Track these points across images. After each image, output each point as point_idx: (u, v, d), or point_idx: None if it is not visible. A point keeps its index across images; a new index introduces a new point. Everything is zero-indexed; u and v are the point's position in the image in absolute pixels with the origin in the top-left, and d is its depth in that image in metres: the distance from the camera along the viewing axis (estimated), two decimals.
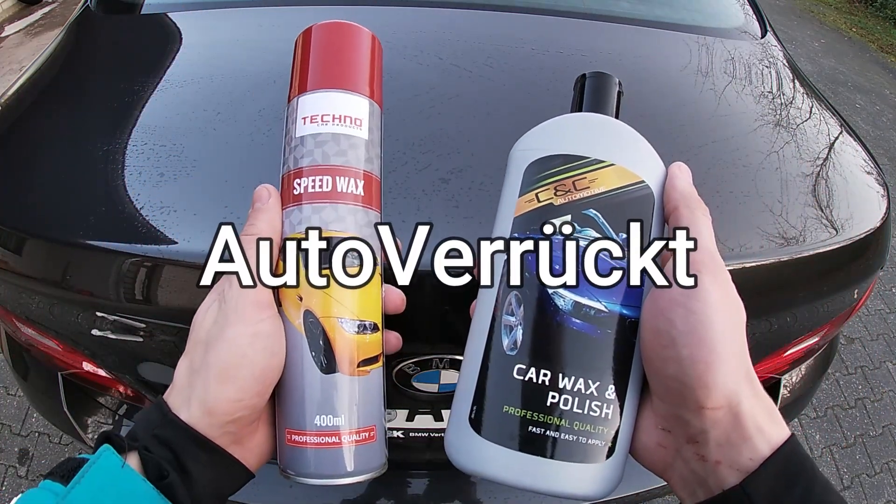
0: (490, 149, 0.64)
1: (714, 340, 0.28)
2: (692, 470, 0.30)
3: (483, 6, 0.89)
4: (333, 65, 0.37)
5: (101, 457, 0.28)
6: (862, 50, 4.63)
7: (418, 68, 0.74)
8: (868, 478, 1.52)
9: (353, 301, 0.35)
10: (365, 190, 0.36)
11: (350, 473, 0.34)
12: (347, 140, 0.36)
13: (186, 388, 0.32)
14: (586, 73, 0.40)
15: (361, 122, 0.36)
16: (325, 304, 0.34)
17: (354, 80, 0.37)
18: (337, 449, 0.33)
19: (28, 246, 0.58)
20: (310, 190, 0.35)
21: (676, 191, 0.34)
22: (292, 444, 0.34)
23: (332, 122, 0.35)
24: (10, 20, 3.38)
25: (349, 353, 0.34)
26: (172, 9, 0.86)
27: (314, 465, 0.33)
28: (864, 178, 0.76)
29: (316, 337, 0.34)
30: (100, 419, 0.86)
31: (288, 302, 0.34)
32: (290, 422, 0.34)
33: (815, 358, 0.95)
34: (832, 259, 0.64)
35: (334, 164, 0.35)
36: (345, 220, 0.35)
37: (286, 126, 0.38)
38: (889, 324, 1.98)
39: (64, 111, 0.72)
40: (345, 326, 0.34)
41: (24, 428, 1.42)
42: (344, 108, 0.36)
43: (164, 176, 0.58)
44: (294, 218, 0.35)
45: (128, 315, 0.59)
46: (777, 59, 0.95)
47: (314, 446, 0.33)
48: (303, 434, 0.33)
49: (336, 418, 0.33)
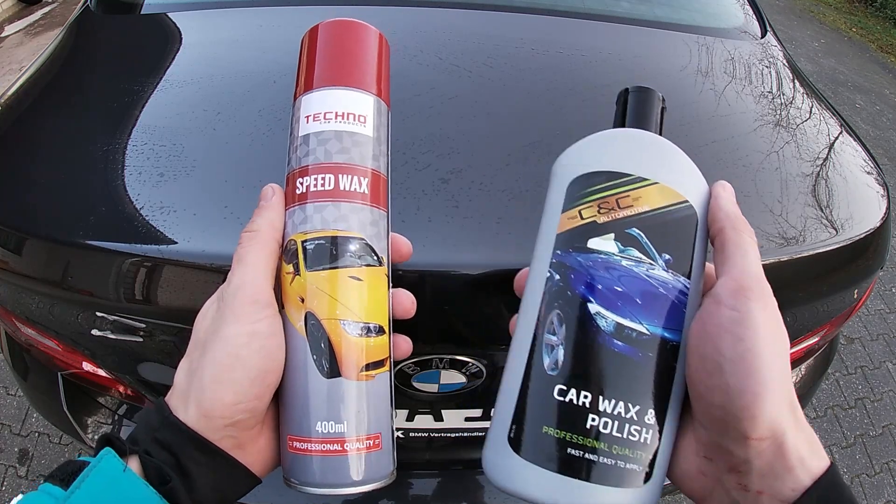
0: (490, 149, 0.64)
1: (762, 370, 0.28)
2: (733, 499, 0.30)
3: (483, 6, 0.89)
4: (336, 62, 0.36)
5: (103, 460, 0.28)
6: (862, 50, 4.63)
7: (418, 68, 0.74)
8: (868, 478, 1.52)
9: (356, 302, 0.34)
10: (370, 188, 0.35)
11: (355, 483, 0.32)
12: (351, 137, 0.35)
13: (185, 390, 0.31)
14: (629, 88, 0.39)
15: (366, 118, 0.36)
16: (327, 305, 0.33)
17: (358, 77, 0.36)
18: (341, 457, 0.32)
19: (28, 246, 0.58)
20: (312, 189, 0.34)
21: (722, 211, 0.34)
22: (294, 451, 0.33)
23: (335, 120, 0.35)
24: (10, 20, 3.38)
25: (353, 357, 0.33)
26: (172, 9, 0.86)
27: (317, 474, 0.32)
28: (864, 178, 0.76)
29: (318, 340, 0.33)
30: (100, 419, 0.86)
31: (290, 304, 0.34)
32: (292, 428, 0.33)
33: (815, 358, 0.95)
34: (832, 259, 0.64)
35: (337, 161, 0.34)
36: (348, 220, 0.34)
37: (291, 125, 0.37)
38: (889, 324, 1.98)
39: (64, 111, 0.72)
40: (348, 329, 0.33)
41: (24, 428, 1.42)
42: (347, 105, 0.35)
43: (164, 176, 0.58)
44: (297, 217, 0.34)
45: (128, 315, 0.59)
46: (777, 59, 0.95)
47: (317, 454, 0.32)
48: (305, 441, 0.32)
49: (339, 425, 0.32)
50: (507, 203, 0.58)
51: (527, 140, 0.66)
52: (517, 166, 0.62)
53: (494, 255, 0.55)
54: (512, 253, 0.55)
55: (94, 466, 0.27)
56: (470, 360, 0.61)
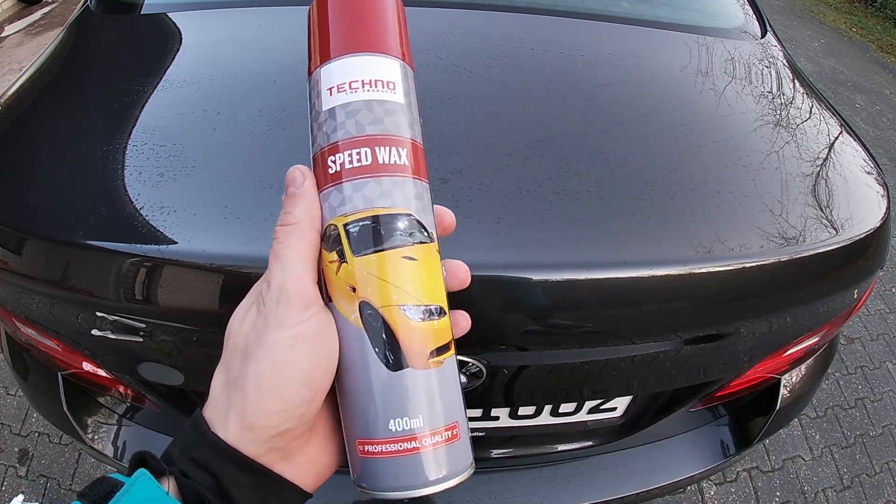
0: (490, 149, 0.64)
1: None
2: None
3: (483, 6, 0.89)
4: (356, 27, 0.33)
5: (137, 482, 0.26)
6: (862, 50, 4.62)
7: (418, 68, 0.73)
8: (868, 478, 1.52)
9: (414, 284, 0.30)
10: (410, 159, 0.32)
11: (436, 481, 0.30)
12: (382, 106, 0.32)
13: (223, 402, 0.29)
14: None
15: (395, 84, 0.32)
16: (382, 291, 0.30)
17: (381, 40, 0.33)
18: (417, 455, 0.29)
19: (28, 246, 0.58)
20: (347, 166, 0.31)
21: None
22: (365, 455, 0.30)
23: (363, 89, 0.31)
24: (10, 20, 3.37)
25: (418, 344, 0.30)
26: (172, 9, 0.86)
27: (394, 477, 0.30)
28: (864, 178, 0.76)
29: (377, 330, 0.30)
30: (100, 419, 0.86)
31: (339, 295, 0.31)
32: (359, 431, 0.30)
33: (815, 358, 0.95)
34: (832, 259, 0.64)
35: (371, 133, 0.31)
36: (392, 195, 0.31)
37: (310, 102, 0.34)
38: (889, 324, 1.98)
39: (64, 111, 0.72)
40: (409, 314, 0.30)
41: (24, 428, 1.42)
42: (374, 71, 0.32)
43: (164, 176, 0.58)
44: (334, 199, 0.31)
45: (128, 315, 0.59)
46: (777, 59, 0.95)
47: (391, 455, 0.29)
48: (376, 443, 0.30)
49: (413, 420, 0.29)
50: (507, 203, 0.58)
51: (527, 140, 0.66)
52: (517, 166, 0.62)
53: (494, 255, 0.55)
54: (512, 253, 0.55)
55: (129, 489, 0.26)
56: (470, 360, 0.61)
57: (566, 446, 0.86)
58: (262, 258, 0.52)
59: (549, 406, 0.78)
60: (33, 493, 1.31)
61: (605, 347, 0.64)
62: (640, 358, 0.65)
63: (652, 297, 0.58)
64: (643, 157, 0.67)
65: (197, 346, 0.61)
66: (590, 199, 0.60)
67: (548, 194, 0.60)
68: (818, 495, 1.46)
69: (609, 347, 0.64)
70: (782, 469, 1.51)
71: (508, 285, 0.55)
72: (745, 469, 1.50)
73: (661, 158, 0.67)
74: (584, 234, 0.58)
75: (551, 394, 0.71)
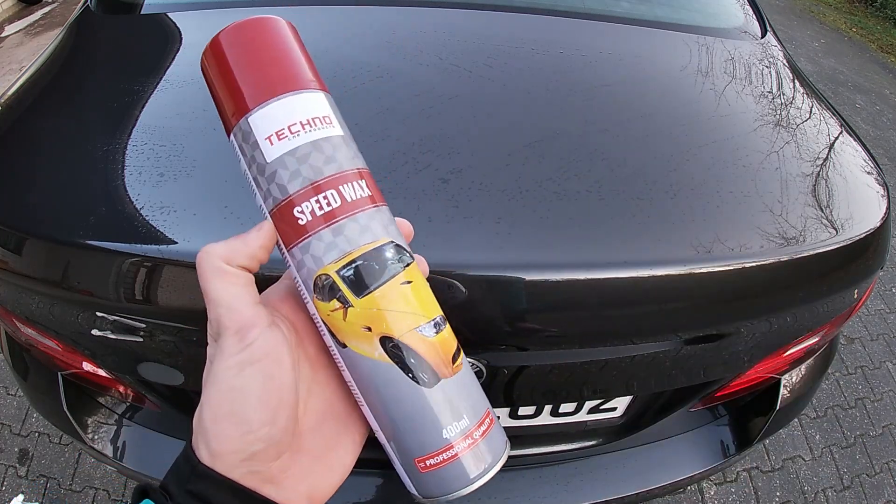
0: (490, 149, 0.64)
1: None
2: None
3: (483, 6, 0.89)
4: (266, 69, 0.32)
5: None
6: (862, 50, 4.62)
7: (418, 68, 0.74)
8: (868, 478, 1.52)
9: (419, 304, 0.32)
10: (369, 187, 0.32)
11: (492, 465, 0.33)
12: (328, 143, 0.31)
13: (195, 433, 0.30)
14: None
15: (329, 118, 0.32)
16: (397, 321, 0.31)
17: (297, 76, 0.32)
18: (474, 448, 0.32)
19: (28, 246, 0.58)
20: (318, 213, 0.30)
21: None
22: (429, 468, 0.32)
23: (304, 130, 0.31)
24: (10, 20, 3.38)
25: (441, 357, 0.32)
26: (172, 9, 0.86)
27: (460, 476, 0.32)
28: (864, 178, 0.76)
29: (405, 358, 0.31)
30: (100, 419, 0.86)
31: (355, 338, 0.31)
32: (416, 450, 0.32)
33: (815, 358, 0.95)
34: (832, 259, 0.64)
35: (330, 174, 0.31)
36: (371, 229, 0.31)
37: (245, 156, 0.32)
38: (889, 324, 1.98)
39: (64, 111, 0.72)
40: (426, 333, 0.32)
41: (24, 428, 1.42)
42: (306, 110, 0.31)
43: (164, 176, 0.58)
44: (315, 249, 0.31)
45: (128, 315, 0.59)
46: (777, 59, 0.95)
47: (451, 460, 0.32)
48: (435, 455, 0.32)
49: (461, 422, 0.32)
50: (507, 203, 0.58)
51: (527, 140, 0.66)
52: (517, 166, 0.62)
53: (494, 255, 0.55)
54: (512, 253, 0.55)
55: None
56: (470, 360, 0.61)
57: (566, 446, 0.86)
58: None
59: (549, 406, 0.78)
60: (33, 493, 1.31)
61: (605, 347, 0.64)
62: (640, 358, 0.65)
63: (652, 297, 0.58)
64: (643, 157, 0.67)
65: (197, 346, 0.61)
66: (590, 199, 0.60)
67: (548, 194, 0.60)
68: (818, 495, 1.46)
69: (609, 347, 0.64)
70: (782, 469, 1.51)
71: (509, 285, 0.55)
72: (745, 469, 1.50)
73: (661, 158, 0.67)
74: (584, 234, 0.58)
75: (551, 394, 0.71)
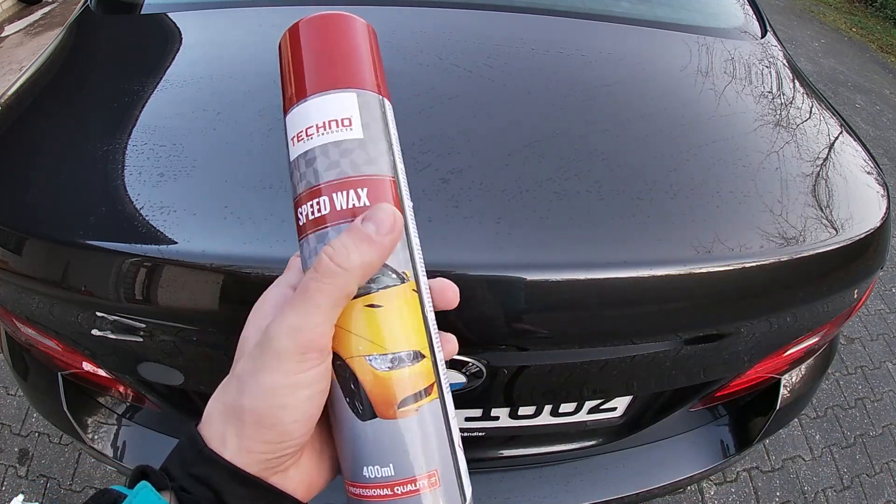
0: (490, 149, 0.64)
1: None
2: None
3: (483, 6, 0.89)
4: (303, 69, 0.32)
5: (139, 495, 0.27)
6: (862, 50, 4.62)
7: (418, 68, 0.74)
8: (868, 478, 1.52)
9: (380, 333, 0.30)
10: (370, 198, 0.31)
11: None
12: (337, 148, 0.31)
13: (219, 424, 0.29)
14: None
15: (350, 120, 0.31)
16: (346, 343, 0.30)
17: (331, 75, 0.32)
18: (392, 501, 0.30)
19: (28, 246, 0.58)
20: (311, 217, 0.31)
21: None
22: (352, 496, 0.31)
23: (318, 134, 0.31)
24: (10, 20, 3.38)
25: (385, 395, 0.30)
26: (172, 9, 0.86)
27: None
28: (864, 178, 0.76)
29: (347, 381, 0.30)
30: (100, 419, 0.86)
31: None
32: (345, 472, 0.32)
33: (815, 358, 0.95)
34: (832, 259, 0.64)
35: (327, 180, 0.30)
36: None
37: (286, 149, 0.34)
38: (889, 324, 1.98)
39: (64, 111, 0.72)
40: (375, 364, 0.30)
41: (24, 428, 1.42)
42: (325, 112, 0.31)
43: (164, 176, 0.58)
44: (305, 252, 0.31)
45: (128, 315, 0.59)
46: (777, 59, 0.95)
47: (368, 499, 0.30)
48: (357, 486, 0.31)
49: (384, 469, 0.30)
50: (507, 203, 0.58)
51: (527, 140, 0.66)
52: (517, 166, 0.62)
53: (494, 255, 0.55)
54: (512, 253, 0.55)
55: (132, 501, 0.27)
56: (470, 360, 0.61)
57: (566, 446, 0.86)
58: (263, 258, 0.53)
59: (549, 406, 0.78)
60: (33, 493, 1.31)
61: (605, 347, 0.64)
62: (640, 358, 0.65)
63: (652, 297, 0.58)
64: (643, 157, 0.67)
65: (197, 346, 0.61)
66: (590, 199, 0.60)
67: (548, 194, 0.60)
68: (818, 495, 1.46)
69: (609, 347, 0.64)
70: (782, 469, 1.51)
71: (509, 285, 0.55)
72: (745, 469, 1.50)
73: (661, 158, 0.67)
74: (584, 234, 0.58)
75: (551, 394, 0.71)
